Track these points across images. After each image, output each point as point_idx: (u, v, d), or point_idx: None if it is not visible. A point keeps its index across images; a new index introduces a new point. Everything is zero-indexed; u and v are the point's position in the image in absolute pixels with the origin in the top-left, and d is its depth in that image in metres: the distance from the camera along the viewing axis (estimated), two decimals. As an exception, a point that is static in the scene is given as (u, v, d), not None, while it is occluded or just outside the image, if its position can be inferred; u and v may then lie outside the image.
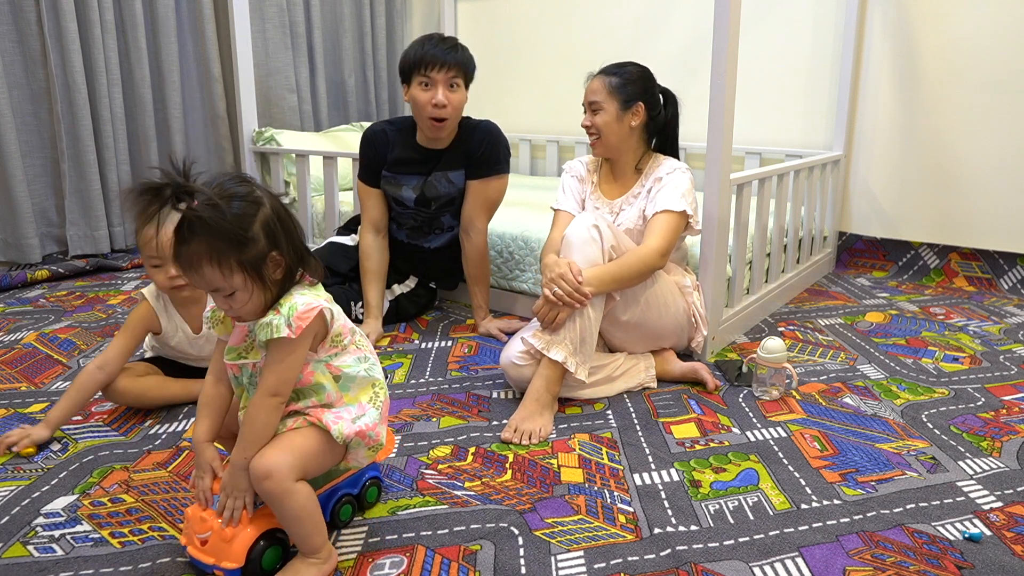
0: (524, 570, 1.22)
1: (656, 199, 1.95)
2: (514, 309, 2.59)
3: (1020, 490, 1.45)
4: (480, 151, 2.32)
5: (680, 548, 1.27)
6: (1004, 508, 1.39)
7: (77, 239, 3.24)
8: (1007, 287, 2.91)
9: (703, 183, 2.07)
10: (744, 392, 1.93)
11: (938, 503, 1.41)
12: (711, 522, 1.35)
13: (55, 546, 1.29)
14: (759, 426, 1.74)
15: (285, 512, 1.15)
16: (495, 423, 1.76)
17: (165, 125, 3.48)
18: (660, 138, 2.07)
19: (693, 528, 1.34)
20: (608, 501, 1.42)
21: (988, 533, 1.31)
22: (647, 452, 1.62)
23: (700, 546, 1.28)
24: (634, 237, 1.97)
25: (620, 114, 1.96)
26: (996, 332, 2.40)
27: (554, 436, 1.69)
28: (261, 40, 3.68)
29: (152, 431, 1.71)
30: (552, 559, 1.25)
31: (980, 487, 1.46)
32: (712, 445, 1.65)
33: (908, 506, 1.40)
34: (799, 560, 1.24)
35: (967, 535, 1.30)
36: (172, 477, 1.51)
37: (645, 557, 1.25)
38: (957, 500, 1.42)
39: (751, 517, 1.37)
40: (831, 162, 3.02)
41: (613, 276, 1.81)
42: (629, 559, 1.25)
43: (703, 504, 1.41)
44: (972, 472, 1.52)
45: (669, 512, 1.39)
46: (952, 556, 1.25)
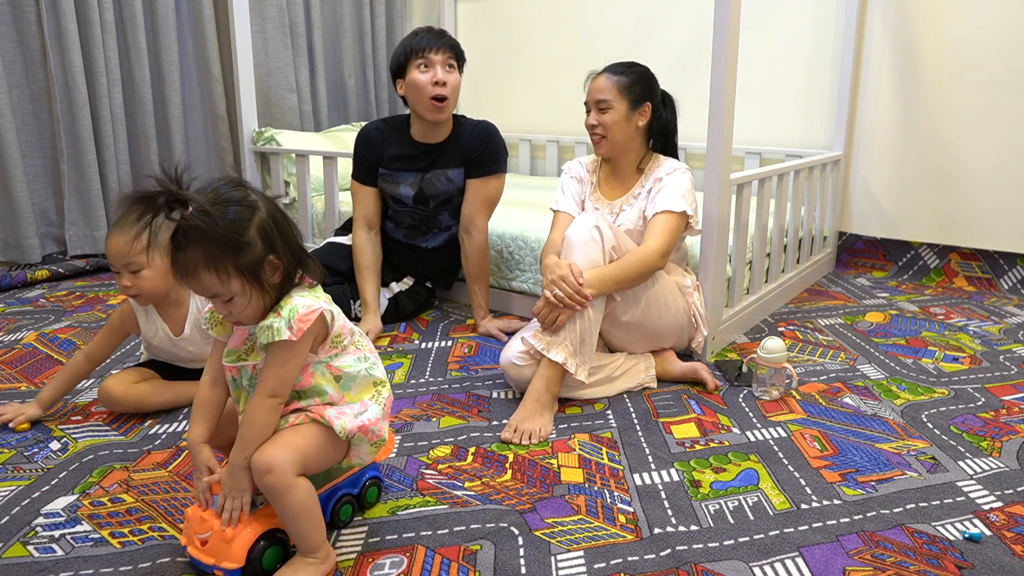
0: (524, 570, 1.22)
1: (656, 199, 1.94)
2: (514, 309, 2.59)
3: (1020, 490, 1.45)
4: (479, 150, 2.35)
5: (680, 548, 1.27)
6: (1004, 508, 1.39)
7: (77, 239, 3.24)
8: (1007, 287, 2.91)
9: (703, 183, 2.07)
10: (744, 392, 1.93)
11: (938, 503, 1.41)
12: (711, 522, 1.35)
13: (55, 546, 1.29)
14: (759, 426, 1.74)
15: (285, 508, 1.15)
16: (495, 423, 1.76)
17: (165, 125, 3.48)
18: (659, 139, 2.07)
19: (693, 528, 1.34)
20: (608, 501, 1.42)
21: (988, 533, 1.31)
22: (647, 452, 1.62)
23: (700, 546, 1.28)
24: (634, 237, 1.97)
25: (629, 113, 1.96)
26: (996, 332, 2.40)
27: (554, 436, 1.69)
28: (261, 40, 3.68)
29: (152, 431, 1.71)
30: (552, 559, 1.25)
31: (980, 487, 1.46)
32: (712, 445, 1.65)
33: (908, 506, 1.40)
34: (799, 560, 1.24)
35: (967, 535, 1.30)
36: (172, 477, 1.51)
37: (645, 557, 1.25)
38: (957, 500, 1.42)
39: (751, 517, 1.37)
40: (831, 162, 3.02)
41: (614, 277, 1.81)
42: (629, 559, 1.25)
43: (703, 504, 1.41)
44: (972, 472, 1.52)
45: (669, 512, 1.39)
46: (952, 556, 1.25)
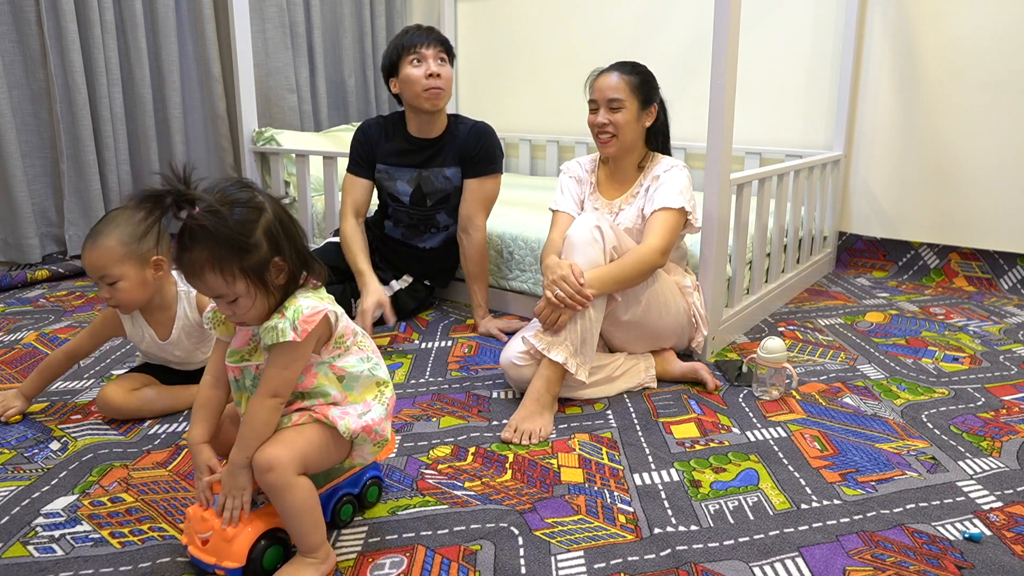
0: (524, 570, 1.22)
1: (654, 197, 1.95)
2: (514, 309, 2.59)
3: (1020, 490, 1.45)
4: (476, 150, 2.38)
5: (680, 548, 1.27)
6: (1004, 508, 1.39)
7: (77, 239, 3.24)
8: (1007, 287, 2.91)
9: (703, 183, 2.07)
10: (744, 392, 1.93)
11: (938, 503, 1.41)
12: (711, 522, 1.35)
13: (55, 546, 1.29)
14: (759, 426, 1.74)
15: (285, 506, 1.15)
16: (495, 423, 1.76)
17: (165, 125, 3.48)
18: (657, 139, 2.07)
19: (693, 528, 1.34)
20: (608, 501, 1.42)
21: (988, 533, 1.31)
22: (647, 452, 1.62)
23: (700, 546, 1.28)
24: (634, 236, 1.97)
25: (639, 113, 1.97)
26: (996, 332, 2.40)
27: (554, 436, 1.69)
28: (261, 40, 3.68)
29: (151, 431, 1.71)
30: (552, 559, 1.25)
31: (980, 487, 1.46)
32: (712, 445, 1.65)
33: (908, 506, 1.40)
34: (799, 560, 1.24)
35: (967, 535, 1.30)
36: (172, 476, 1.51)
37: (645, 557, 1.25)
38: (957, 500, 1.42)
39: (751, 517, 1.37)
40: (831, 162, 3.02)
41: (615, 277, 1.81)
42: (629, 559, 1.25)
43: (703, 504, 1.41)
44: (972, 472, 1.52)
45: (669, 512, 1.39)
46: (952, 556, 1.25)
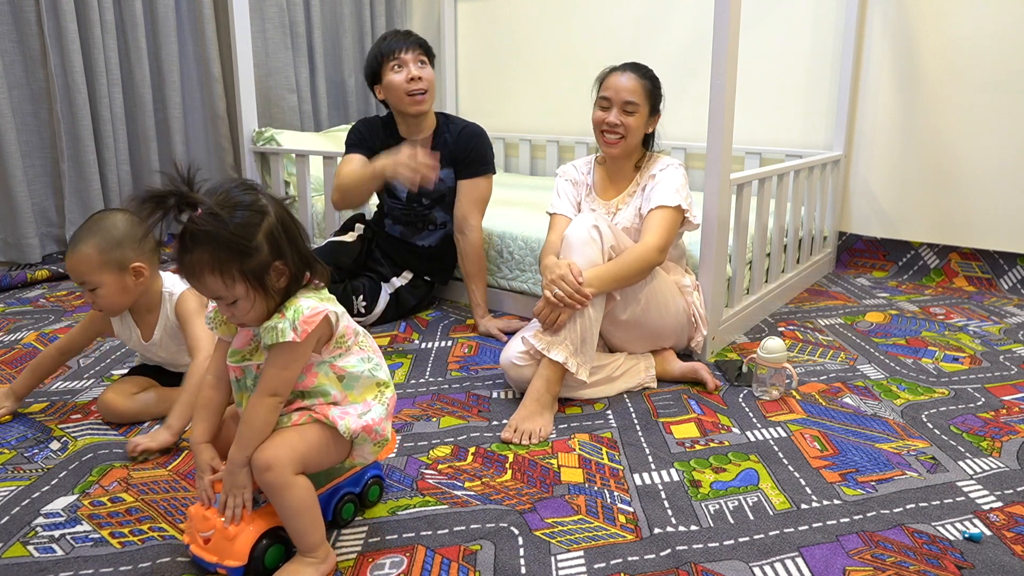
0: (524, 570, 1.22)
1: (651, 196, 1.95)
2: (514, 309, 2.59)
3: (1020, 490, 1.45)
4: (467, 152, 2.42)
5: (680, 548, 1.27)
6: (1004, 508, 1.39)
7: (77, 239, 3.24)
8: (1007, 287, 2.91)
9: (703, 183, 2.07)
10: (744, 392, 1.93)
11: (938, 503, 1.41)
12: (711, 522, 1.35)
13: (55, 546, 1.29)
14: (759, 426, 1.74)
15: (284, 505, 1.15)
16: (495, 423, 1.76)
17: (165, 125, 3.48)
18: (647, 142, 2.08)
19: (693, 528, 1.34)
20: (608, 501, 1.42)
21: (988, 533, 1.31)
22: (647, 452, 1.62)
23: (700, 546, 1.28)
24: (632, 236, 1.97)
25: (648, 118, 1.99)
26: (996, 332, 2.40)
27: (554, 436, 1.69)
28: (261, 40, 3.68)
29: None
30: (552, 559, 1.25)
31: (980, 487, 1.46)
32: (712, 445, 1.65)
33: (908, 506, 1.40)
34: (799, 560, 1.24)
35: (967, 535, 1.30)
36: (172, 476, 1.51)
37: (645, 557, 1.25)
38: (957, 500, 1.42)
39: (751, 517, 1.37)
40: (831, 162, 3.01)
41: (613, 275, 1.81)
42: (629, 559, 1.25)
43: (703, 504, 1.41)
44: (972, 472, 1.52)
45: (669, 512, 1.39)
46: (952, 556, 1.25)
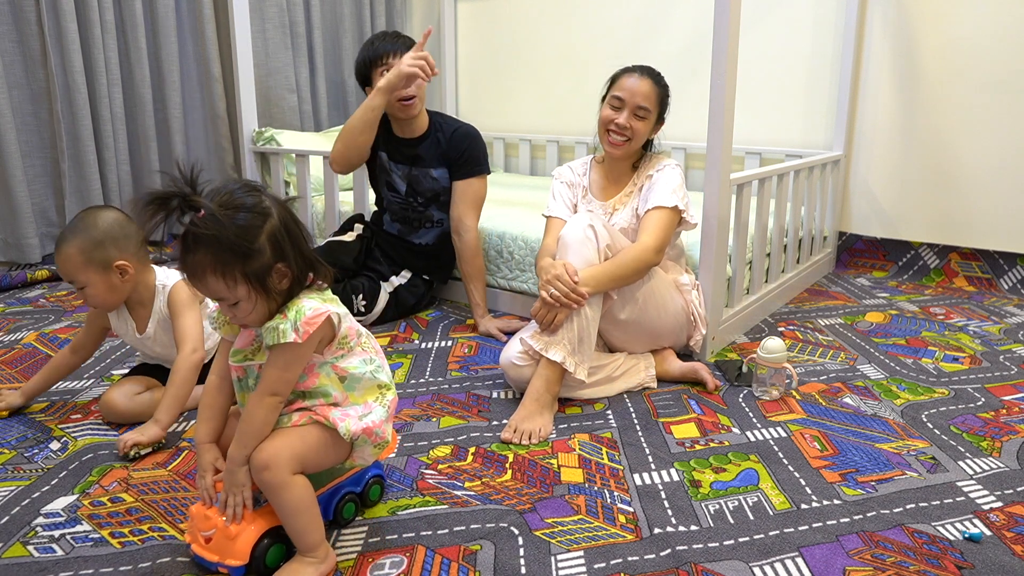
0: (524, 570, 1.22)
1: (648, 196, 1.96)
2: (514, 309, 2.59)
3: (1020, 490, 1.45)
4: (460, 154, 2.44)
5: (680, 548, 1.27)
6: (1004, 508, 1.39)
7: (77, 239, 3.24)
8: (1007, 287, 2.91)
9: (703, 183, 2.07)
10: (744, 392, 1.93)
11: (938, 503, 1.41)
12: (711, 522, 1.35)
13: (55, 546, 1.29)
14: (759, 426, 1.74)
15: (281, 505, 1.16)
16: (495, 423, 1.76)
17: (165, 125, 3.48)
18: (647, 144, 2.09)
19: (693, 528, 1.34)
20: (608, 501, 1.42)
21: (988, 533, 1.31)
22: (647, 452, 1.62)
23: (700, 546, 1.28)
24: (629, 236, 1.98)
25: (654, 124, 2.00)
26: (996, 332, 2.40)
27: (554, 436, 1.69)
28: (261, 40, 3.68)
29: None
30: (552, 559, 1.25)
31: (980, 487, 1.46)
32: (712, 445, 1.65)
33: (908, 506, 1.40)
34: (799, 560, 1.24)
35: (967, 535, 1.30)
36: (172, 476, 1.51)
37: (645, 557, 1.25)
38: (957, 500, 1.42)
39: (751, 517, 1.37)
40: (831, 162, 3.01)
41: (609, 275, 1.81)
42: (629, 559, 1.25)
43: (703, 504, 1.41)
44: (972, 472, 1.52)
45: (669, 512, 1.39)
46: (952, 556, 1.25)
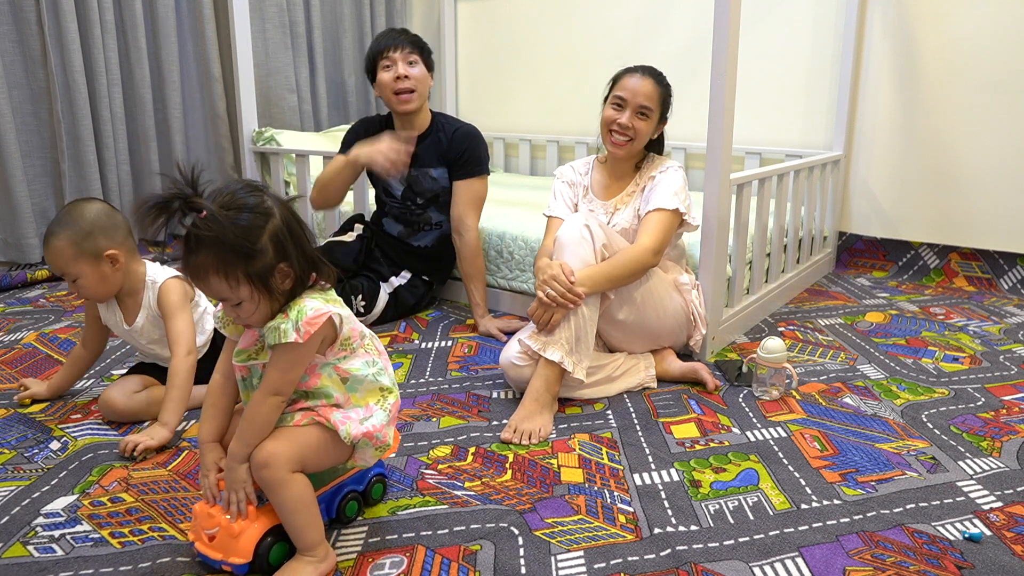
0: (524, 570, 1.22)
1: (649, 198, 1.96)
2: (514, 309, 2.59)
3: (1020, 490, 1.45)
4: (461, 153, 2.44)
5: (680, 548, 1.27)
6: (1004, 508, 1.39)
7: (77, 239, 3.24)
8: (1007, 287, 2.91)
9: (703, 183, 2.07)
10: (744, 392, 1.93)
11: (938, 503, 1.41)
12: (711, 522, 1.35)
13: (55, 546, 1.29)
14: (759, 426, 1.74)
15: (280, 503, 1.16)
16: (495, 423, 1.76)
17: (165, 125, 3.48)
18: (651, 144, 2.09)
19: (693, 528, 1.34)
20: (608, 501, 1.42)
21: (988, 533, 1.31)
22: (647, 452, 1.62)
23: (700, 546, 1.28)
24: (630, 237, 1.98)
25: (656, 124, 2.00)
26: (996, 332, 2.40)
27: (554, 436, 1.69)
28: (261, 40, 3.68)
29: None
30: (552, 559, 1.25)
31: (980, 487, 1.46)
32: (712, 445, 1.65)
33: (908, 506, 1.40)
34: (799, 560, 1.24)
35: (967, 535, 1.30)
36: (172, 476, 1.51)
37: (645, 557, 1.25)
38: (957, 500, 1.42)
39: (751, 517, 1.37)
40: (831, 162, 3.01)
41: (606, 276, 1.81)
42: (629, 559, 1.25)
43: (703, 504, 1.41)
44: (972, 472, 1.52)
45: (669, 512, 1.39)
46: (952, 556, 1.25)
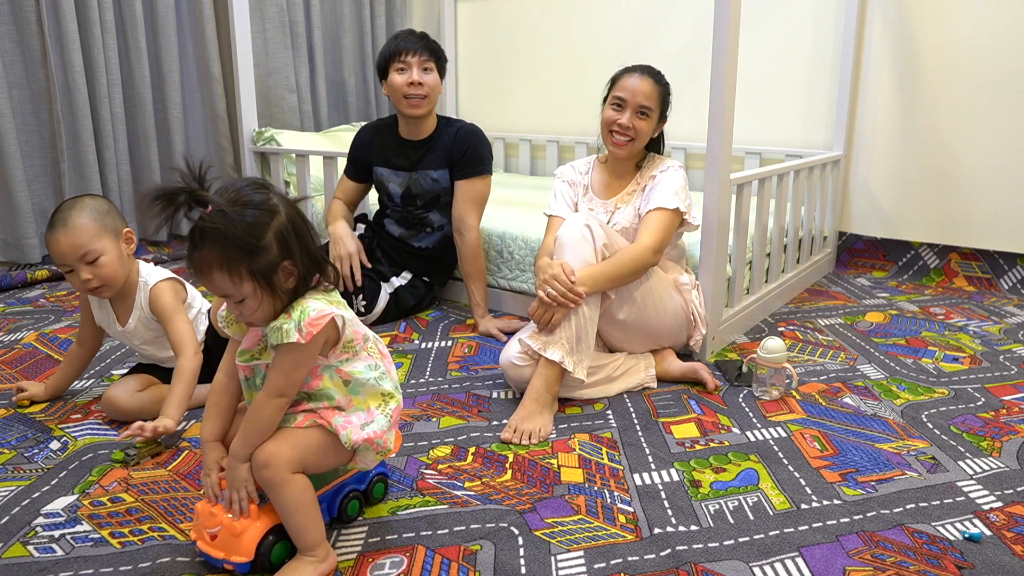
0: (524, 570, 1.22)
1: (650, 197, 1.96)
2: (514, 309, 2.59)
3: (1020, 490, 1.45)
4: (464, 152, 2.43)
5: (680, 548, 1.27)
6: (1004, 508, 1.39)
7: (77, 239, 3.23)
8: (1007, 287, 2.91)
9: (703, 183, 2.07)
10: (744, 392, 1.93)
11: (938, 503, 1.41)
12: (711, 522, 1.35)
13: (55, 546, 1.29)
14: (759, 426, 1.74)
15: (280, 503, 1.16)
16: (495, 423, 1.76)
17: (165, 125, 3.48)
18: (652, 144, 2.09)
19: (693, 528, 1.34)
20: (608, 501, 1.42)
21: (988, 533, 1.31)
22: (647, 452, 1.62)
23: (700, 546, 1.28)
24: (629, 236, 1.98)
25: (656, 124, 2.00)
26: (996, 332, 2.40)
27: (554, 436, 1.69)
28: (261, 40, 3.68)
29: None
30: (552, 559, 1.25)
31: (980, 487, 1.46)
32: (712, 445, 1.65)
33: (908, 506, 1.40)
34: (799, 560, 1.24)
35: (967, 535, 1.30)
36: (172, 476, 1.51)
37: (645, 557, 1.25)
38: (957, 500, 1.42)
39: (751, 517, 1.37)
40: (831, 162, 3.01)
41: (607, 275, 1.81)
42: (629, 559, 1.25)
43: (703, 504, 1.41)
44: (972, 472, 1.52)
45: (669, 512, 1.39)
46: (952, 556, 1.25)
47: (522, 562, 1.24)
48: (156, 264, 1.83)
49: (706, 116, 2.04)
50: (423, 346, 2.29)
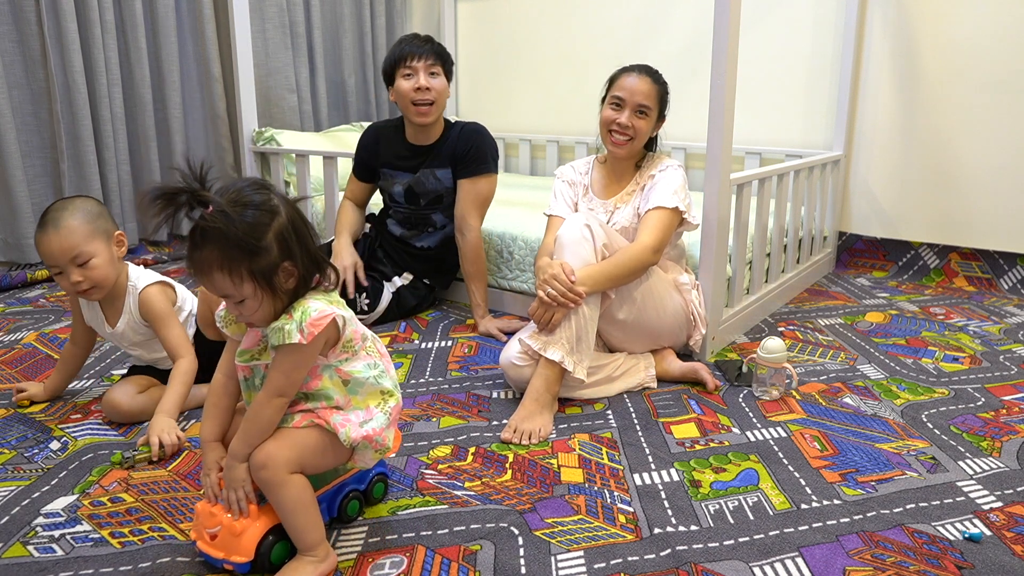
0: (524, 570, 1.22)
1: (649, 196, 1.96)
2: (514, 309, 2.59)
3: (1020, 490, 1.45)
4: (467, 151, 2.42)
5: (680, 548, 1.28)
6: (1004, 508, 1.39)
7: (77, 239, 3.23)
8: (1007, 287, 2.91)
9: (703, 183, 2.07)
10: (744, 392, 1.93)
11: (938, 503, 1.41)
12: (711, 522, 1.35)
13: (55, 546, 1.29)
14: (759, 426, 1.74)
15: (279, 503, 1.16)
16: (495, 423, 1.76)
17: (165, 125, 3.48)
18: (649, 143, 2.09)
19: (693, 528, 1.34)
20: (608, 501, 1.42)
21: (988, 533, 1.31)
22: (647, 452, 1.62)
23: (700, 546, 1.28)
24: (629, 235, 1.98)
25: (655, 123, 2.00)
26: (996, 332, 2.40)
27: (554, 436, 1.69)
28: (261, 40, 3.68)
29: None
30: (552, 559, 1.25)
31: (980, 487, 1.46)
32: (712, 445, 1.65)
33: (908, 506, 1.40)
34: (799, 560, 1.24)
35: (967, 535, 1.30)
36: (172, 476, 1.51)
37: (645, 557, 1.25)
38: (957, 500, 1.42)
39: (751, 517, 1.37)
40: (831, 162, 3.02)
41: (607, 275, 1.81)
42: (629, 559, 1.25)
43: (703, 504, 1.41)
44: (972, 472, 1.52)
45: (669, 512, 1.39)
46: (952, 556, 1.25)
47: (522, 562, 1.24)
48: (156, 264, 1.83)
49: (706, 116, 2.04)
50: (423, 346, 2.29)
